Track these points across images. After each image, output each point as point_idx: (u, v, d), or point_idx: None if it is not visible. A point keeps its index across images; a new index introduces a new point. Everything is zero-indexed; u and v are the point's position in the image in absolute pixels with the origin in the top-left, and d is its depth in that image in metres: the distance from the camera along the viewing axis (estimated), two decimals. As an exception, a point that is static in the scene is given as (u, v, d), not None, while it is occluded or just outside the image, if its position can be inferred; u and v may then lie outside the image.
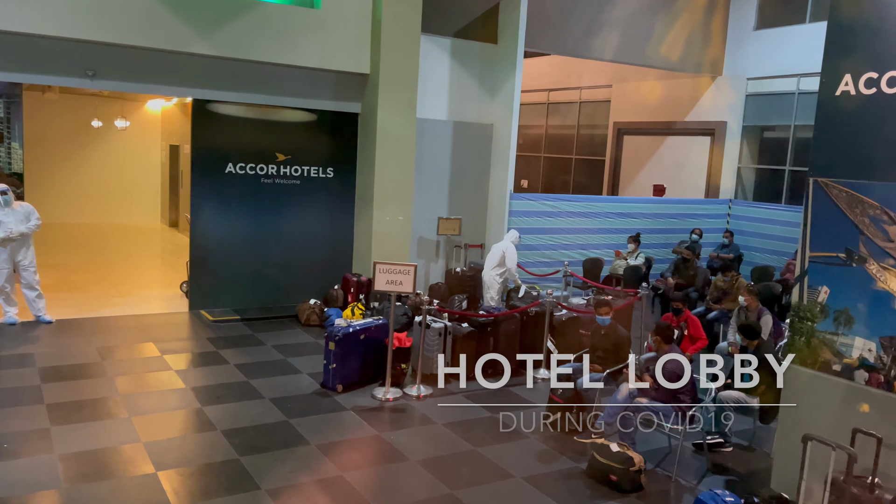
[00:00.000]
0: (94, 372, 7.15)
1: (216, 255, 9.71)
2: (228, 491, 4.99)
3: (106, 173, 16.54)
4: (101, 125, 16.09)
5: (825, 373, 4.95)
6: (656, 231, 12.58)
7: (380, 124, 9.79)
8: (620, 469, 5.29)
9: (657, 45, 12.58)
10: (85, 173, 16.32)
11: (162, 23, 8.44)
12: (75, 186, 16.13)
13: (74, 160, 16.20)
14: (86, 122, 15.92)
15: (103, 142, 16.51)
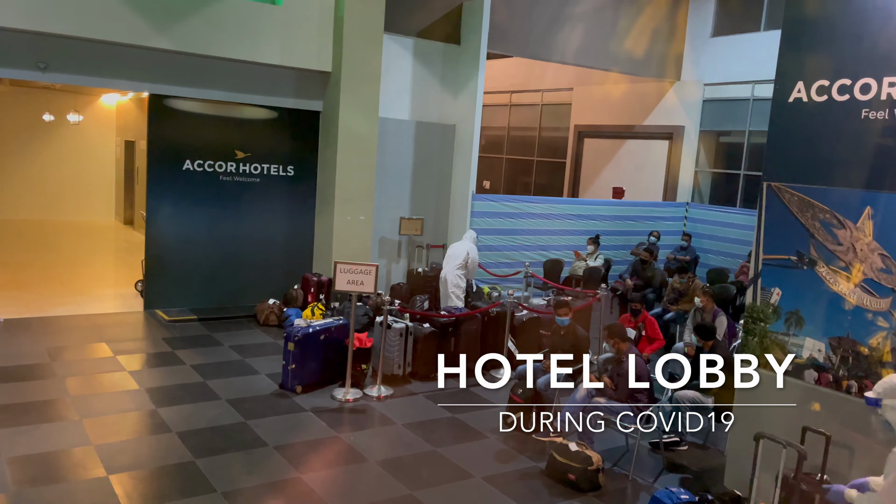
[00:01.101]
0: (43, 373, 6.94)
1: (173, 254, 9.51)
2: (183, 494, 4.89)
3: (58, 169, 16.07)
4: (53, 119, 15.65)
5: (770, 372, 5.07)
6: (615, 233, 12.75)
7: (342, 123, 9.72)
8: (579, 468, 5.35)
9: (618, 49, 12.75)
10: (36, 168, 15.85)
11: (118, 15, 8.23)
12: (25, 182, 15.66)
13: (25, 155, 15.71)
14: (37, 115, 15.47)
15: (55, 136, 16.04)
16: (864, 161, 4.66)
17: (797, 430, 4.67)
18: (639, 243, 12.24)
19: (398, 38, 10.63)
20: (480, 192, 12.04)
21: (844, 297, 4.73)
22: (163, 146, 9.35)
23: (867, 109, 4.60)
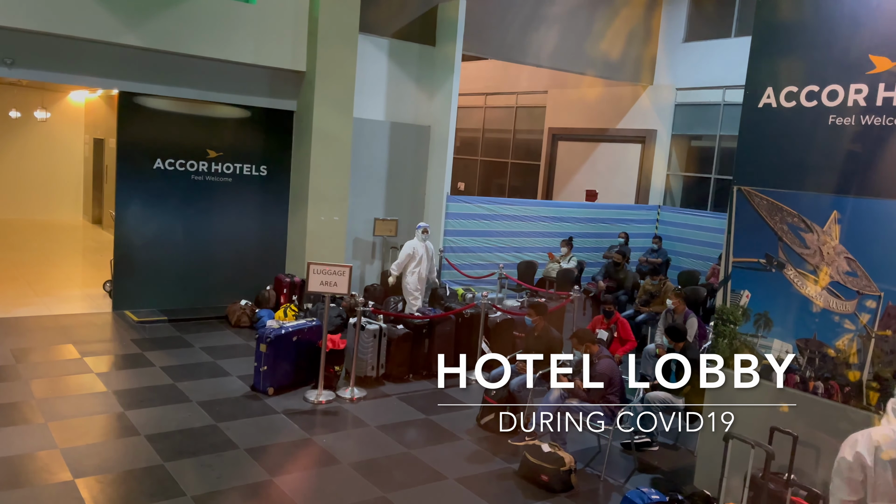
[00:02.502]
0: (7, 375, 6.78)
1: (142, 254, 9.37)
2: (151, 498, 4.82)
3: (24, 166, 15.73)
4: (20, 116, 15.30)
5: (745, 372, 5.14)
6: (588, 235, 12.84)
7: (315, 123, 9.65)
8: (551, 469, 5.37)
9: (592, 53, 12.84)
10: (2, 166, 15.49)
11: (87, 11, 8.09)
12: (-10, 179, 15.31)
13: (-10, 152, 15.37)
14: (3, 112, 15.11)
15: (21, 133, 15.70)
16: (832, 166, 4.75)
17: (766, 430, 4.74)
18: (611, 246, 12.34)
19: (373, 39, 10.59)
20: (455, 194, 12.05)
21: (812, 300, 4.82)
22: (133, 144, 9.20)
23: (834, 115, 4.69)
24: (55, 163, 16.18)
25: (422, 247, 9.19)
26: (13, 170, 15.60)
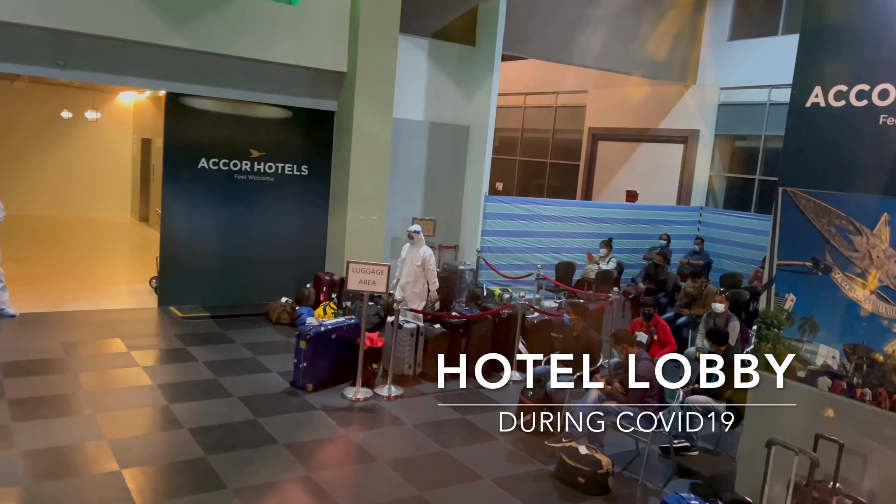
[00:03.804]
0: (57, 367, 7.00)
1: (187, 251, 9.58)
2: (194, 490, 4.93)
3: (75, 165, 16.22)
4: (71, 116, 15.78)
5: (790, 379, 5.04)
6: (628, 236, 12.70)
7: (356, 123, 9.75)
8: (588, 472, 5.33)
9: (635, 53, 12.72)
10: (53, 165, 15.99)
11: (137, 14, 8.31)
12: (43, 178, 15.80)
13: (43, 151, 15.86)
14: (55, 112, 15.60)
15: (73, 133, 16.19)
16: (882, 167, 4.62)
17: (810, 437, 4.63)
18: (651, 247, 12.19)
19: (413, 39, 10.65)
20: (493, 194, 12.04)
21: (860, 304, 4.69)
22: (179, 144, 9.41)
23: (885, 115, 4.56)
24: (104, 162, 16.64)
25: (407, 252, 8.51)
26: (65, 168, 16.10)
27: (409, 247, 8.50)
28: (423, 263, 8.30)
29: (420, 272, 8.33)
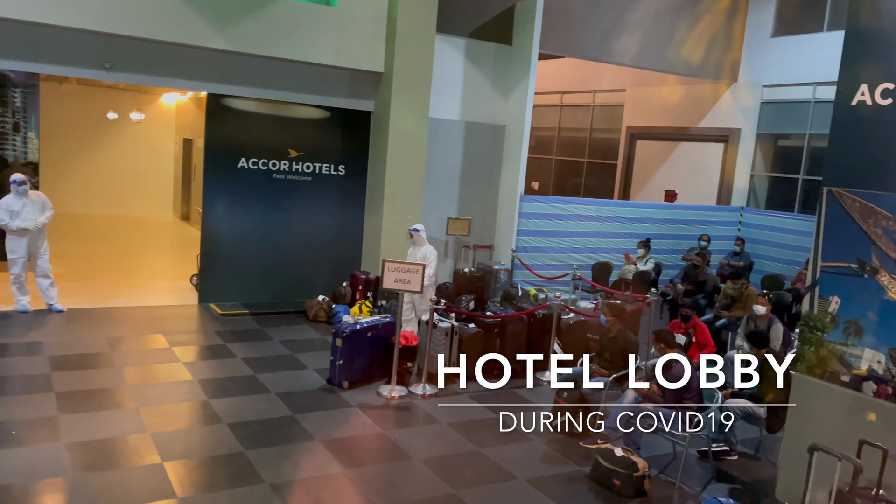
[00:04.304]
0: (102, 362, 7.20)
1: (226, 249, 9.76)
2: (232, 484, 5.02)
3: (120, 165, 16.63)
4: (117, 117, 16.19)
5: (833, 383, 4.93)
6: (666, 237, 12.54)
7: (392, 123, 9.81)
8: (624, 474, 5.28)
9: (675, 51, 12.55)
10: (99, 165, 16.43)
11: (179, 16, 8.49)
12: (89, 177, 16.23)
13: (89, 151, 16.30)
14: (101, 113, 16.02)
15: (118, 134, 16.61)
16: (932, 166, 4.48)
17: (854, 442, 4.52)
18: (690, 248, 12.01)
19: (450, 39, 10.67)
20: (529, 193, 12.00)
21: (907, 308, 4.56)
22: (219, 144, 9.59)
23: (935, 113, 4.42)
24: (148, 162, 17.02)
25: (411, 251, 8.46)
26: (110, 168, 16.52)
27: (412, 247, 8.37)
28: (424, 261, 8.00)
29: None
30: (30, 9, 7.77)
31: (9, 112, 10.83)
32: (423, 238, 8.37)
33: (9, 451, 5.17)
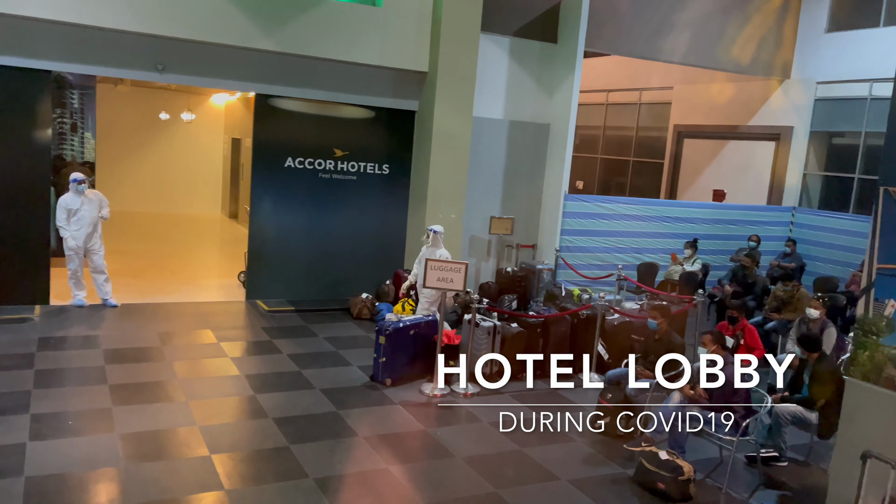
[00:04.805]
0: (154, 356, 7.41)
1: (273, 247, 9.94)
2: (277, 477, 5.12)
3: (171, 164, 17.07)
4: (168, 117, 16.63)
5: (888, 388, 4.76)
6: (714, 237, 12.30)
7: (436, 122, 9.85)
8: (669, 477, 5.21)
9: (726, 48, 12.30)
10: (151, 164, 16.89)
11: (229, 19, 8.68)
12: (142, 176, 16.70)
13: (142, 151, 16.77)
14: (154, 114, 16.47)
15: (170, 134, 17.05)
16: None
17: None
18: (739, 248, 11.75)
19: (494, 38, 10.66)
20: (573, 193, 11.90)
21: (969, 312, 4.39)
22: (267, 144, 9.77)
23: None
24: (198, 161, 17.43)
25: (425, 251, 8.29)
26: (161, 167, 16.97)
27: (426, 247, 8.18)
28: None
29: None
30: (87, 13, 8.03)
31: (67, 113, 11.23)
32: (440, 240, 8.25)
33: (66, 441, 5.37)
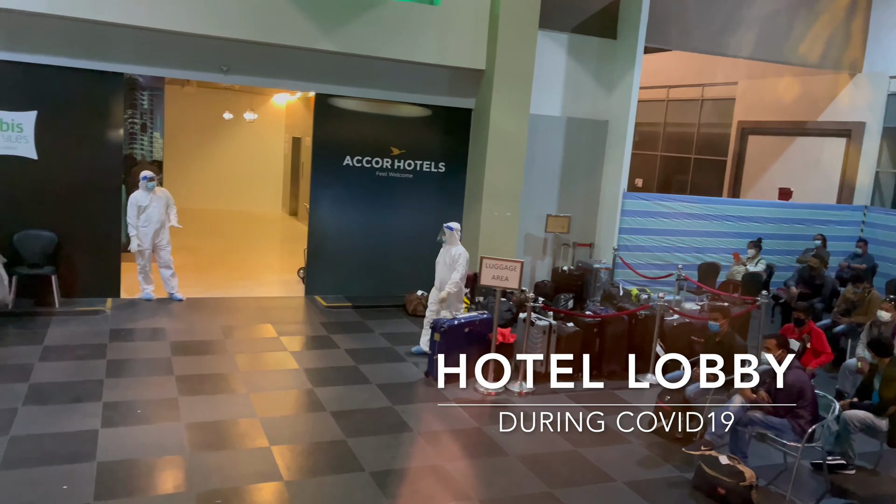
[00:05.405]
0: (217, 348, 7.65)
1: (331, 244, 10.11)
2: (334, 470, 5.21)
3: (234, 163, 17.53)
4: (232, 117, 17.08)
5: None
6: (780, 237, 11.90)
7: (492, 120, 9.83)
8: (729, 483, 5.08)
9: (794, 43, 11.89)
10: (216, 162, 17.38)
11: (290, 20, 8.86)
12: (207, 174, 17.19)
13: (207, 150, 17.28)
14: (218, 114, 16.94)
15: (233, 133, 17.51)
16: None
17: None
18: (806, 249, 11.34)
19: (552, 34, 10.57)
20: (632, 191, 11.70)
21: None
22: (326, 143, 9.94)
23: None
24: (260, 160, 17.85)
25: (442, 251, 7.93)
26: (225, 165, 17.45)
27: (443, 246, 7.84)
28: (454, 263, 7.62)
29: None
30: (158, 17, 8.33)
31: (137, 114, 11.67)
32: (457, 238, 7.81)
33: (135, 429, 5.60)
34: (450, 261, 7.70)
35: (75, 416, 5.71)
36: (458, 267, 7.62)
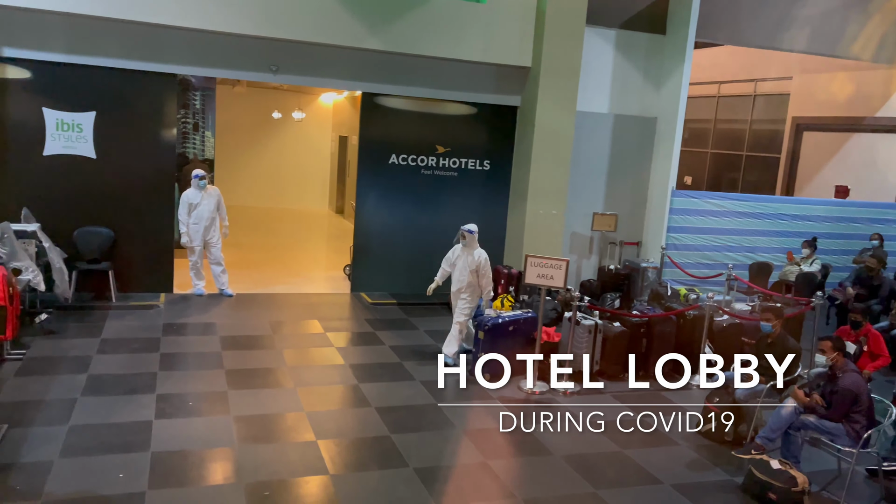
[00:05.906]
0: (265, 343, 7.80)
1: (377, 242, 10.20)
2: (379, 465, 5.27)
3: (283, 161, 17.84)
4: (280, 116, 17.38)
5: None
6: (836, 236, 11.54)
7: (538, 118, 9.77)
8: (781, 488, 4.96)
9: (851, 34, 11.49)
10: (265, 161, 17.71)
11: (338, 20, 8.96)
12: (256, 173, 17.54)
13: (256, 149, 17.62)
14: (267, 113, 17.26)
15: (281, 132, 17.82)
16: None
17: None
18: (863, 249, 10.97)
19: (600, 31, 10.44)
20: (681, 188, 11.50)
21: None
22: (372, 141, 10.03)
23: None
24: (307, 158, 18.13)
25: (460, 254, 7.62)
26: (273, 164, 17.77)
27: (461, 248, 7.56)
28: (478, 268, 7.43)
29: (474, 277, 7.48)
30: (210, 19, 8.52)
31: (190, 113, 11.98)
32: (476, 241, 7.56)
33: (187, 420, 5.76)
34: (472, 263, 7.46)
35: (130, 407, 5.90)
36: (484, 272, 7.46)
